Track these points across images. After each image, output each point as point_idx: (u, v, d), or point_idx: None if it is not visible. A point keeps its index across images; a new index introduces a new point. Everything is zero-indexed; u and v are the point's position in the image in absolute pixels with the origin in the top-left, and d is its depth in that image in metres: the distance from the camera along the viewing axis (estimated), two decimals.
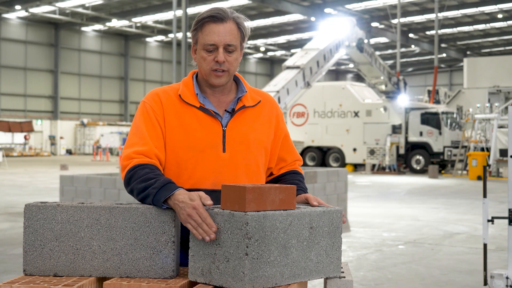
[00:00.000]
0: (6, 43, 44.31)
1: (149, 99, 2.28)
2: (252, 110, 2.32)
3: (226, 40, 2.19)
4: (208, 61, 2.21)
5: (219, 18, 2.19)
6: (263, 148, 2.33)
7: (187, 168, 2.23)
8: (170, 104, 2.27)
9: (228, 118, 2.27)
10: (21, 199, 13.54)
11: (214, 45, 2.19)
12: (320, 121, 28.05)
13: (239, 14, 2.27)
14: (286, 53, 54.97)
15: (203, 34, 2.21)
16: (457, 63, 56.79)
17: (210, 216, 1.88)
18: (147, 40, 52.50)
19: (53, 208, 1.97)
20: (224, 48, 2.20)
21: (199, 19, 2.23)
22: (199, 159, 2.22)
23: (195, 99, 2.26)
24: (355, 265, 6.88)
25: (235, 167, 2.25)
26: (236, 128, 2.27)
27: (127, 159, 2.18)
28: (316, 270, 1.97)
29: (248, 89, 2.36)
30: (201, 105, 2.26)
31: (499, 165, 22.68)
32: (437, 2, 34.48)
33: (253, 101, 2.33)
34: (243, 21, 2.26)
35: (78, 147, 48.65)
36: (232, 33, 2.21)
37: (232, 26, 2.22)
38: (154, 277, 1.96)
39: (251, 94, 2.35)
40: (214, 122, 2.25)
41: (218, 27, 2.19)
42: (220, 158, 2.24)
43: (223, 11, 2.22)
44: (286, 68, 17.20)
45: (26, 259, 1.97)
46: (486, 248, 5.29)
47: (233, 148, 2.25)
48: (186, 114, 2.25)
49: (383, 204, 13.63)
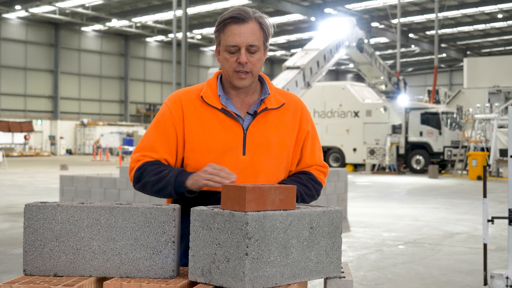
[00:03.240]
0: (6, 43, 44.32)
1: (170, 102, 2.29)
2: (275, 112, 2.28)
3: (248, 41, 2.17)
4: (230, 62, 2.19)
5: (241, 19, 2.17)
6: (286, 152, 2.28)
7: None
8: (191, 105, 2.25)
9: (250, 121, 2.25)
10: (21, 199, 13.54)
11: (236, 46, 2.17)
12: (320, 121, 28.05)
13: (262, 14, 2.24)
14: (286, 53, 54.97)
15: (225, 35, 2.19)
16: (457, 63, 56.80)
17: (211, 216, 1.89)
18: (147, 40, 52.51)
19: (53, 208, 1.97)
20: (247, 49, 2.18)
21: (221, 20, 2.21)
22: (218, 161, 2.20)
23: (217, 101, 2.24)
24: (355, 265, 6.89)
25: (254, 170, 2.23)
26: (258, 131, 2.24)
27: (135, 161, 2.23)
28: (316, 270, 1.97)
29: (273, 90, 2.32)
30: (223, 107, 2.24)
31: (499, 165, 22.68)
32: (437, 2, 34.48)
33: (277, 103, 2.29)
34: (265, 20, 2.23)
35: (78, 147, 48.66)
36: (254, 33, 2.19)
37: (254, 26, 2.19)
38: (154, 277, 1.96)
39: (276, 95, 2.31)
40: (235, 124, 2.23)
41: (240, 28, 2.17)
42: (239, 161, 2.22)
43: (245, 12, 2.19)
44: (286, 68, 17.20)
45: (26, 259, 1.97)
46: (486, 248, 5.29)
47: (253, 151, 2.23)
48: (207, 116, 2.24)
49: (383, 204, 13.63)
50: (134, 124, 51.44)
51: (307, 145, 2.34)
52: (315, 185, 2.31)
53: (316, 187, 2.32)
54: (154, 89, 53.50)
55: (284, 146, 2.28)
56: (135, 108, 52.96)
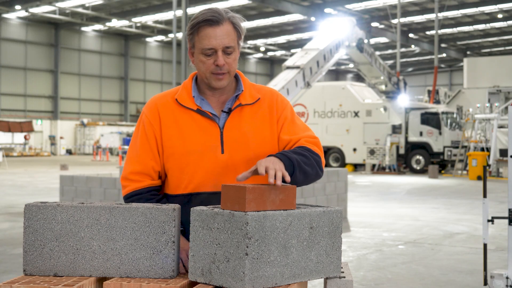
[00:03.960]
0: (6, 43, 44.32)
1: (147, 109, 2.32)
2: (251, 108, 2.29)
3: (224, 42, 2.18)
4: (207, 64, 2.20)
5: (215, 21, 2.17)
6: (266, 145, 2.27)
7: (187, 172, 2.24)
8: (168, 110, 2.28)
9: (225, 118, 2.26)
10: (21, 199, 13.53)
11: (213, 49, 2.18)
12: (320, 121, 28.05)
13: (234, 13, 2.24)
14: (286, 53, 54.96)
15: (200, 38, 2.18)
16: (457, 63, 56.80)
17: (211, 216, 1.88)
18: (147, 40, 52.50)
19: (53, 208, 1.97)
20: (223, 50, 2.19)
21: (194, 23, 2.20)
22: (198, 162, 2.23)
23: (192, 102, 2.26)
24: (355, 265, 6.88)
25: (235, 167, 2.23)
26: (234, 128, 2.25)
27: (124, 180, 2.30)
28: (316, 270, 1.97)
29: (248, 86, 2.32)
30: (198, 107, 2.25)
31: (499, 165, 22.68)
32: (437, 2, 34.48)
33: (252, 99, 2.29)
34: (238, 19, 2.24)
35: (78, 147, 48.65)
36: (229, 35, 2.19)
37: (228, 27, 2.19)
38: (154, 277, 1.96)
39: (251, 91, 2.31)
40: (211, 124, 2.24)
41: (215, 31, 2.17)
42: (219, 160, 2.23)
43: (218, 13, 2.19)
44: (286, 68, 17.20)
45: (26, 259, 1.97)
46: (486, 248, 5.29)
47: (232, 148, 2.24)
48: (183, 118, 2.26)
49: (383, 204, 13.63)
50: (134, 124, 51.40)
51: (285, 128, 2.30)
52: (312, 155, 2.20)
53: (313, 157, 2.20)
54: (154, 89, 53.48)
55: (263, 140, 2.27)
56: (135, 108, 52.94)
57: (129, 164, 2.30)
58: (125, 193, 2.30)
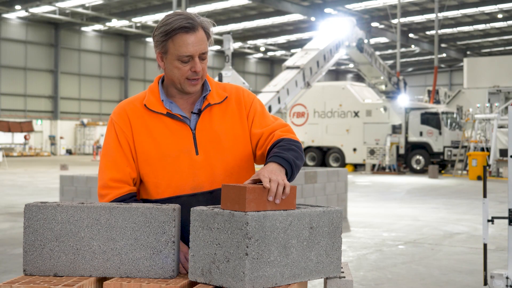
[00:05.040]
0: (6, 43, 44.31)
1: (116, 116, 2.29)
2: (219, 107, 2.30)
3: (201, 49, 2.20)
4: (183, 71, 2.21)
5: (191, 28, 2.17)
6: (240, 142, 2.29)
7: (164, 176, 2.24)
8: (137, 115, 2.27)
9: (196, 120, 2.26)
10: (21, 199, 13.53)
11: (190, 55, 2.19)
12: (320, 121, 28.05)
13: (202, 18, 2.25)
14: (286, 53, 54.96)
15: (176, 45, 2.18)
16: (457, 63, 56.79)
17: (211, 216, 1.88)
18: (147, 40, 52.49)
19: (53, 208, 1.97)
20: (199, 56, 2.21)
21: (168, 29, 2.17)
22: (174, 166, 2.23)
23: (161, 106, 2.26)
24: (355, 265, 6.88)
25: (211, 168, 2.24)
26: (205, 128, 2.26)
27: (103, 188, 2.24)
28: (316, 270, 1.97)
29: (214, 85, 2.33)
30: (168, 111, 2.25)
31: (499, 165, 22.68)
32: (437, 2, 34.48)
33: (219, 98, 2.31)
34: (207, 24, 2.25)
35: (78, 147, 48.65)
36: (204, 41, 2.21)
37: (201, 33, 2.21)
38: (154, 277, 1.96)
39: (218, 90, 2.33)
40: (182, 126, 2.25)
41: (191, 38, 2.17)
42: (194, 161, 2.23)
43: (192, 19, 2.19)
44: (286, 68, 17.20)
45: (26, 259, 1.97)
46: (486, 248, 5.29)
47: (206, 148, 2.24)
48: (154, 123, 2.25)
49: (383, 204, 13.63)
50: None
51: (256, 122, 2.31)
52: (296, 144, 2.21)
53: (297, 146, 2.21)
54: None
55: (236, 137, 2.28)
56: None
57: (107, 171, 2.25)
58: (107, 201, 2.23)
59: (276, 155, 2.11)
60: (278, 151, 2.14)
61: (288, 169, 2.08)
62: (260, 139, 2.29)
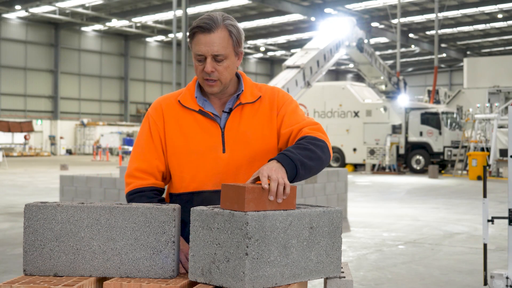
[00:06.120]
0: (6, 43, 44.31)
1: (152, 110, 2.37)
2: (251, 106, 2.31)
3: (213, 50, 2.19)
4: (199, 70, 2.25)
5: (206, 29, 2.19)
6: (267, 143, 2.29)
7: (189, 171, 2.28)
8: (171, 110, 2.32)
9: (226, 118, 2.29)
10: (21, 199, 13.54)
11: (202, 55, 2.21)
12: (320, 121, 27.94)
13: (231, 21, 2.24)
14: (286, 53, 54.96)
15: (194, 44, 2.22)
16: (457, 63, 56.79)
17: (211, 216, 1.88)
18: (147, 40, 52.50)
19: (53, 208, 1.97)
20: (213, 57, 2.20)
21: (190, 28, 2.24)
22: (200, 162, 2.27)
23: (194, 103, 2.30)
24: (355, 265, 6.88)
25: (236, 167, 2.26)
26: (234, 127, 2.28)
27: (128, 177, 2.33)
28: (316, 270, 1.97)
29: (249, 85, 2.34)
30: (200, 108, 2.29)
31: (499, 165, 22.67)
32: (437, 2, 34.47)
33: (253, 97, 2.32)
34: (235, 27, 2.24)
35: (78, 147, 48.65)
36: (221, 42, 2.20)
37: (221, 34, 2.20)
38: (154, 277, 1.96)
39: (252, 90, 2.34)
40: (212, 124, 2.28)
41: (206, 38, 2.19)
42: (220, 159, 2.26)
43: (212, 20, 2.20)
44: (286, 67, 17.20)
45: (26, 259, 1.97)
46: (486, 248, 5.29)
47: (232, 147, 2.27)
48: (185, 119, 2.30)
49: (383, 204, 13.63)
50: (134, 124, 51.42)
51: (286, 121, 2.30)
52: (318, 143, 2.16)
53: (318, 144, 2.16)
54: (154, 89, 53.49)
55: (263, 138, 2.29)
56: (135, 108, 52.95)
57: (134, 161, 2.33)
58: (128, 190, 2.31)
59: (283, 153, 2.09)
60: (289, 149, 2.11)
61: (289, 168, 2.04)
62: (289, 137, 2.28)
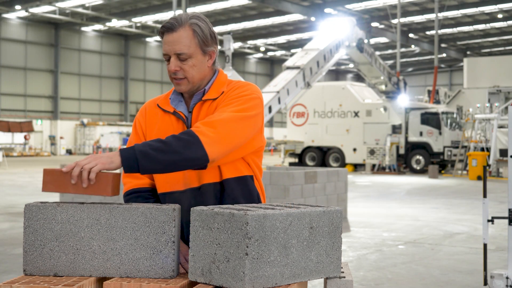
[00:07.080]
0: (6, 43, 44.30)
1: (139, 112, 2.45)
2: (211, 103, 2.28)
3: (176, 49, 2.21)
4: (168, 70, 2.28)
5: (169, 28, 2.22)
6: None
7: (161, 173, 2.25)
8: (153, 114, 2.37)
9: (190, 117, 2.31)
10: (21, 199, 13.54)
11: (167, 54, 2.24)
12: (320, 121, 28.05)
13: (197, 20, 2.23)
14: (286, 53, 54.96)
15: (162, 44, 2.27)
16: (457, 63, 56.79)
17: (211, 216, 1.88)
18: (147, 40, 52.50)
19: (53, 208, 1.97)
20: (177, 56, 2.23)
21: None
22: None
23: (168, 105, 2.34)
24: (355, 265, 6.88)
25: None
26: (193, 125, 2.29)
27: (125, 177, 2.38)
28: (316, 270, 1.97)
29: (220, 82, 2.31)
30: (174, 109, 2.32)
31: (499, 165, 22.67)
32: (437, 2, 34.47)
33: (216, 93, 2.29)
34: (201, 25, 2.23)
35: (78, 147, 48.64)
36: (183, 41, 2.21)
37: (184, 33, 2.21)
38: (154, 277, 1.96)
39: (220, 87, 2.30)
40: (182, 124, 2.30)
41: (169, 37, 2.23)
42: None
43: (176, 20, 2.23)
44: (286, 68, 17.20)
45: (26, 259, 1.97)
46: (486, 248, 5.29)
47: None
48: (163, 121, 2.34)
49: (383, 204, 13.63)
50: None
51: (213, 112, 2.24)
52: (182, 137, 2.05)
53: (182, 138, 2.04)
54: (154, 89, 53.48)
55: None
56: (135, 108, 52.92)
57: None
58: (125, 189, 2.36)
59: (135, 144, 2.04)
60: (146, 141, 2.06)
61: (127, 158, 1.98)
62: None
